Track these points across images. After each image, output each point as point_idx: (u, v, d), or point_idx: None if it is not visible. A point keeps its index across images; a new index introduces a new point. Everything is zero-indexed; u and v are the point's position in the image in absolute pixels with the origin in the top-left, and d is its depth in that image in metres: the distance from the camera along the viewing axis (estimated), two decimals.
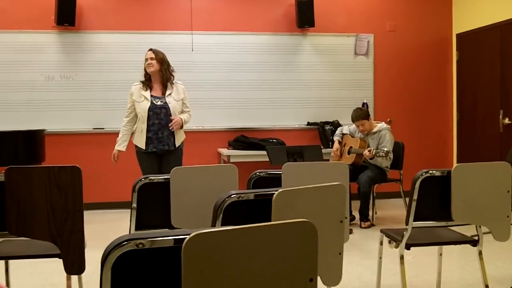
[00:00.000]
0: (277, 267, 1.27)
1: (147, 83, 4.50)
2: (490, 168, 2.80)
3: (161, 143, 4.44)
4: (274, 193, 1.71)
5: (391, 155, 5.19)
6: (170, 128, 4.43)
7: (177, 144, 4.51)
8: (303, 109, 6.74)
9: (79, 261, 2.37)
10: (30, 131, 5.64)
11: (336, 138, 5.68)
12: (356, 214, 5.39)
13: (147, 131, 4.42)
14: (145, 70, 4.53)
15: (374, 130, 5.37)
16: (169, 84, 4.51)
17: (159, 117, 4.43)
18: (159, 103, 4.44)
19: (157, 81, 4.52)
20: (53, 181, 2.34)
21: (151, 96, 4.46)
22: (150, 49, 4.55)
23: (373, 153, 5.04)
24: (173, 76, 4.56)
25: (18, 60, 6.12)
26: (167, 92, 4.49)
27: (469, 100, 6.78)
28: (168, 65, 4.53)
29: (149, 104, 4.42)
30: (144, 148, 4.45)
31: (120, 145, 4.55)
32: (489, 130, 6.38)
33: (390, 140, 5.27)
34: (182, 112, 4.57)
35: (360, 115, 5.32)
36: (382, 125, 5.41)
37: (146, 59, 4.49)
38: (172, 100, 4.47)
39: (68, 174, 2.34)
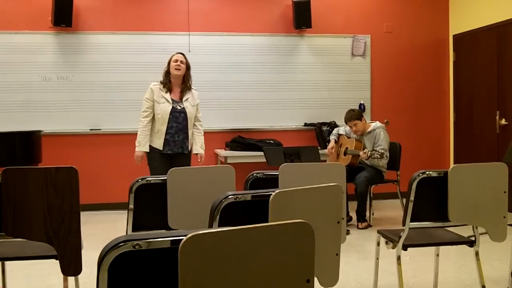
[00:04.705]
0: (274, 268, 1.27)
1: (168, 84, 4.53)
2: (486, 169, 2.81)
3: (176, 146, 4.52)
4: (271, 194, 1.71)
5: (387, 153, 5.20)
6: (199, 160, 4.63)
7: (190, 147, 4.62)
8: (300, 110, 6.75)
9: (75, 263, 2.37)
10: (27, 132, 5.63)
11: (332, 138, 5.71)
12: (353, 215, 5.39)
13: (166, 133, 4.47)
14: (167, 71, 4.54)
15: (369, 129, 5.39)
16: (187, 90, 4.57)
17: (177, 121, 4.49)
18: (178, 107, 4.51)
19: (177, 84, 4.56)
20: (49, 182, 2.34)
21: (172, 99, 4.52)
22: (181, 53, 4.59)
23: (368, 155, 5.05)
24: (188, 81, 4.61)
25: (15, 61, 6.11)
26: (185, 97, 4.54)
27: (466, 101, 6.79)
28: (190, 69, 4.60)
29: (170, 107, 4.47)
30: (161, 149, 4.49)
31: (144, 146, 4.50)
32: (485, 131, 6.40)
33: (385, 138, 5.28)
34: (195, 117, 4.65)
35: (352, 115, 5.35)
36: (376, 124, 5.43)
37: (176, 61, 4.51)
38: (189, 106, 4.55)
39: (65, 175, 2.34)
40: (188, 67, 4.56)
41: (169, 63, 4.54)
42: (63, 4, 5.99)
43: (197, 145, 4.64)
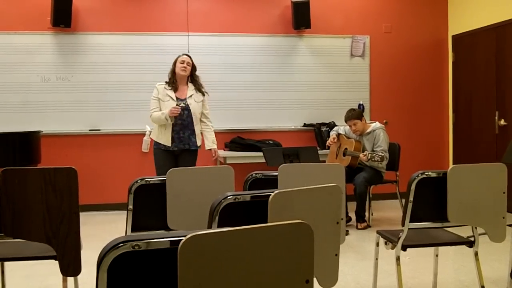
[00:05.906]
0: (273, 269, 1.27)
1: (173, 84, 4.69)
2: (485, 169, 2.81)
3: (182, 142, 4.66)
4: (270, 195, 1.71)
5: (386, 155, 5.20)
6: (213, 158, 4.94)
7: (199, 143, 4.74)
8: (299, 111, 6.74)
9: (75, 263, 2.37)
10: (26, 133, 5.62)
11: (333, 133, 5.69)
12: (353, 215, 5.39)
13: (172, 130, 4.62)
14: (173, 71, 4.70)
15: (368, 130, 5.38)
16: (192, 86, 4.74)
17: (181, 118, 4.63)
18: (182, 104, 4.63)
19: (182, 83, 4.74)
20: (48, 183, 2.33)
21: (176, 97, 4.65)
22: (187, 55, 4.76)
23: (369, 157, 5.05)
24: (198, 81, 4.80)
25: (14, 61, 6.10)
26: (189, 94, 4.69)
27: (465, 101, 6.80)
28: (196, 70, 4.79)
29: (174, 104, 4.60)
30: (169, 145, 4.62)
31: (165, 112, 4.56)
32: (484, 131, 6.40)
33: (385, 139, 5.28)
34: (202, 113, 4.78)
35: (352, 115, 5.36)
36: (375, 124, 5.43)
37: (182, 62, 4.68)
38: (193, 102, 4.69)
39: (64, 175, 2.34)
40: (193, 67, 4.76)
41: (174, 63, 4.72)
42: (62, 5, 5.99)
43: (209, 141, 4.80)
